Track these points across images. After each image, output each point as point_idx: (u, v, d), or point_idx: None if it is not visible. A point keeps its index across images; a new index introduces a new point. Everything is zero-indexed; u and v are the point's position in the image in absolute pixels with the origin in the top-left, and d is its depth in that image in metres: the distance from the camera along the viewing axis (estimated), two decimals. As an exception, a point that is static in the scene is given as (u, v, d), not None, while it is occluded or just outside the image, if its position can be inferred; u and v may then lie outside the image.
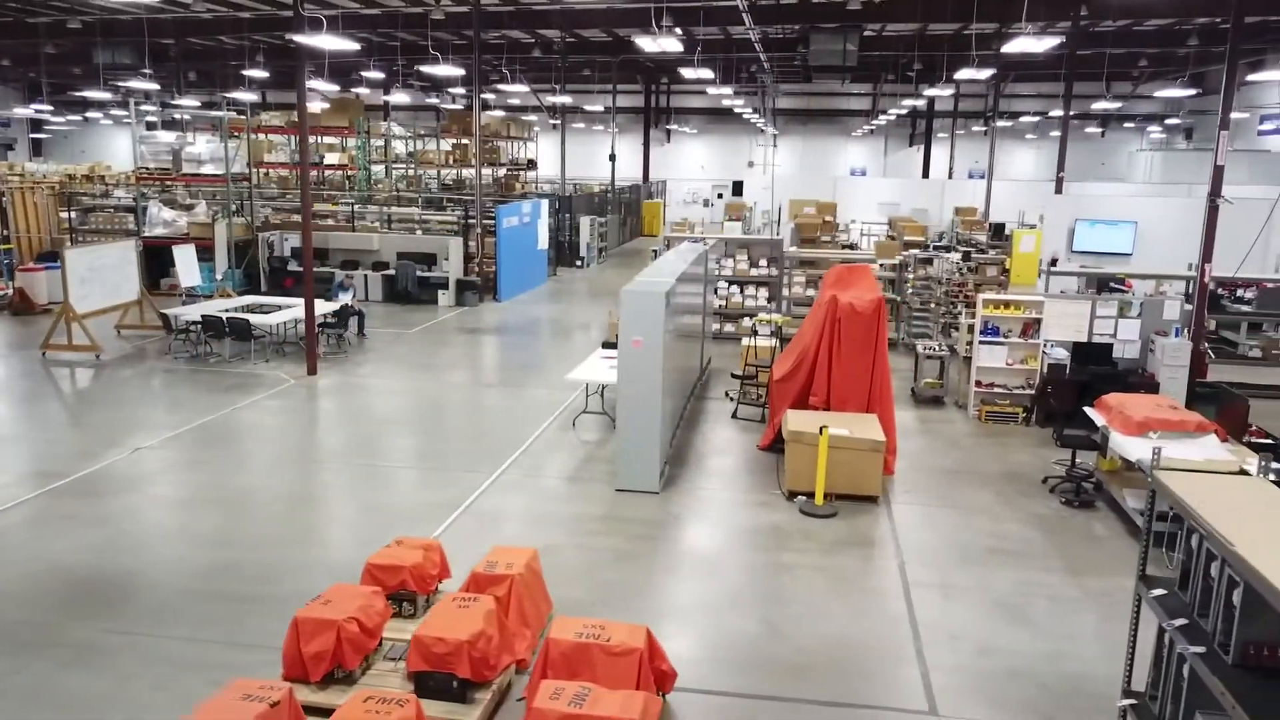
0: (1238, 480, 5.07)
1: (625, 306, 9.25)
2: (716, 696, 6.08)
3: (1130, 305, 12.26)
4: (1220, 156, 11.70)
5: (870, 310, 10.25)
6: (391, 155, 32.88)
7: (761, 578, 7.75)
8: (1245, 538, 4.10)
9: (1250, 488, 4.89)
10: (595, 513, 9.04)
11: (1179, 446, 8.65)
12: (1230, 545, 4.07)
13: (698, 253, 13.06)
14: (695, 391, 13.43)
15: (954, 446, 11.40)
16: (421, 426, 11.79)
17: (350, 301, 16.87)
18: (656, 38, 14.23)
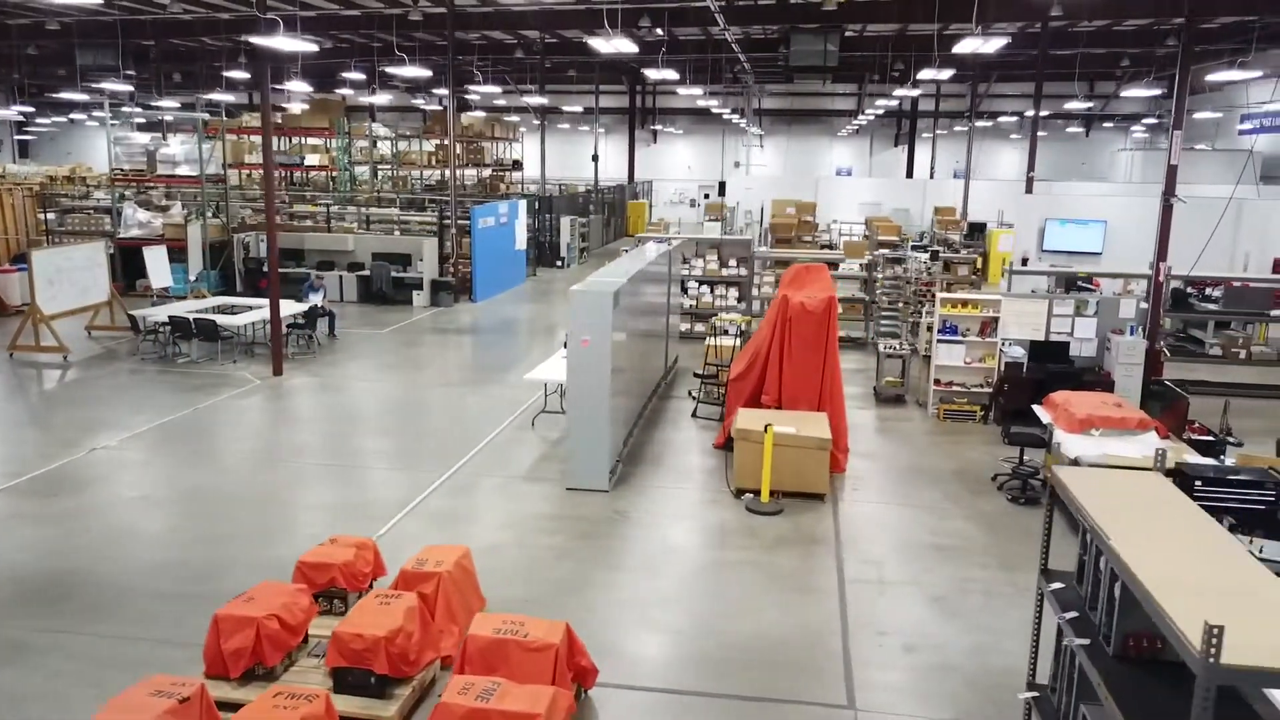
0: (1137, 476, 5.14)
1: (573, 307, 9.31)
2: (639, 692, 6.13)
3: (1087, 304, 12.34)
4: (1173, 156, 11.79)
5: (821, 310, 10.32)
6: (377, 156, 32.94)
7: (699, 575, 7.81)
8: (1121, 531, 4.17)
9: (1145, 483, 4.96)
10: (543, 511, 9.10)
11: (1119, 443, 8.73)
12: (1106, 539, 4.14)
13: (659, 253, 13.12)
14: (659, 391, 13.49)
15: (909, 445, 11.47)
16: (380, 426, 11.83)
17: (320, 302, 16.90)
18: (609, 39, 14.23)
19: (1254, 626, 3.33)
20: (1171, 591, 3.60)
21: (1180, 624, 3.32)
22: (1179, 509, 4.51)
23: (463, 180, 36.59)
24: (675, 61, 36.33)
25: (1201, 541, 4.13)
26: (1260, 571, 3.83)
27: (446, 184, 36.50)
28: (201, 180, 19.87)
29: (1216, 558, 3.96)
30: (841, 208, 32.35)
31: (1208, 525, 4.33)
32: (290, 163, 28.52)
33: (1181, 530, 4.24)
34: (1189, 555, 3.96)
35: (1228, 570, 3.83)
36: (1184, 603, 3.49)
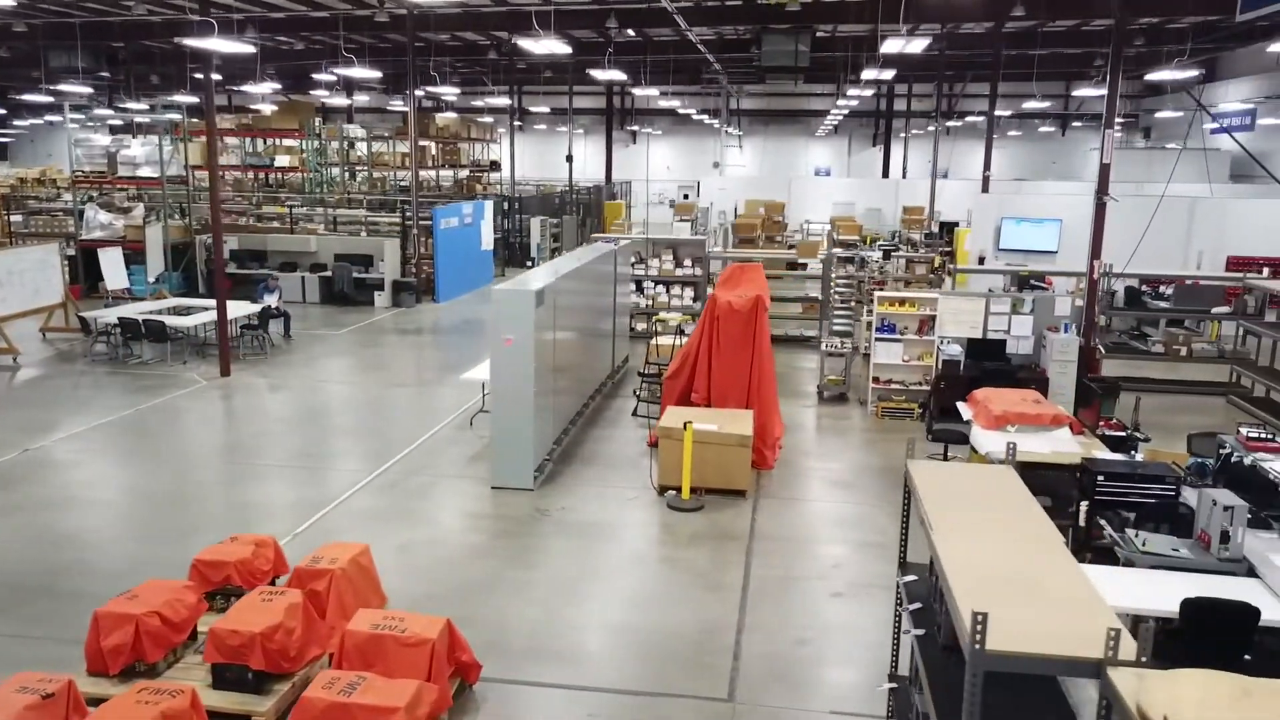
0: (987, 469, 5.22)
1: (495, 306, 9.37)
2: (524, 687, 6.19)
3: (1023, 302, 12.43)
4: (1106, 155, 11.88)
5: (747, 309, 10.39)
6: (354, 157, 32.97)
7: (607, 571, 7.87)
8: (946, 523, 4.25)
9: (991, 477, 5.03)
10: (464, 509, 9.16)
11: (1032, 439, 8.80)
12: (930, 530, 4.21)
13: (600, 252, 13.19)
14: (604, 389, 13.55)
15: (843, 442, 11.55)
16: (319, 425, 11.88)
17: (276, 303, 16.93)
18: (539, 39, 14.22)
19: (1030, 615, 3.40)
20: (965, 580, 3.67)
21: (961, 611, 3.40)
22: (1012, 502, 4.59)
23: (438, 181, 36.73)
24: (650, 63, 36.47)
25: (1021, 533, 4.21)
26: (1062, 563, 3.90)
27: (422, 184, 36.60)
28: (162, 182, 19.87)
29: (1026, 550, 4.03)
30: (815, 208, 32.44)
31: (1034, 518, 4.40)
32: (260, 164, 28.55)
33: (1005, 522, 4.31)
34: (1000, 546, 4.04)
35: (1031, 562, 3.90)
36: (972, 591, 3.57)
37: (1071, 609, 3.46)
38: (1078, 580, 3.69)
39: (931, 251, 18.70)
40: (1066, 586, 3.65)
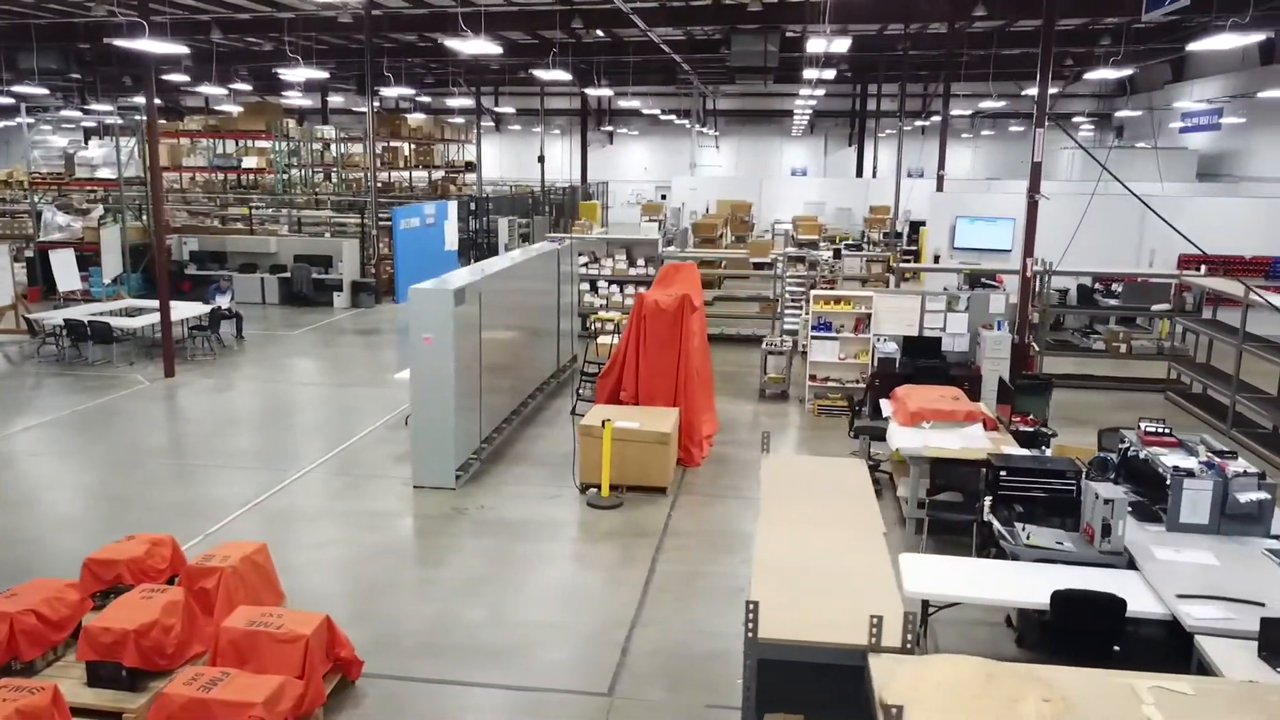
0: (839, 463, 5.29)
1: (412, 304, 9.40)
2: (408, 683, 6.23)
3: (958, 300, 12.51)
4: (1038, 153, 11.96)
5: (674, 308, 10.44)
6: (329, 159, 32.93)
7: (514, 568, 7.91)
8: (774, 514, 4.30)
9: (840, 469, 5.09)
10: (381, 509, 9.18)
11: (943, 434, 8.88)
12: (757, 520, 4.26)
13: (541, 251, 13.22)
14: (548, 388, 13.58)
15: (775, 440, 11.60)
16: (254, 426, 11.89)
17: (228, 304, 16.93)
18: (467, 39, 14.18)
19: (818, 603, 3.46)
20: (768, 569, 3.72)
21: (753, 601, 3.45)
22: (850, 494, 4.65)
23: (410, 182, 36.71)
24: (624, 64, 36.52)
25: (845, 524, 4.27)
26: (873, 554, 3.96)
27: (394, 185, 36.59)
28: (120, 183, 19.85)
29: (844, 539, 4.09)
30: (787, 208, 32.53)
31: (865, 509, 4.46)
32: (228, 165, 28.52)
33: (835, 513, 4.37)
34: (820, 536, 4.10)
35: (844, 551, 3.96)
36: (770, 580, 3.62)
37: (863, 598, 3.51)
38: (882, 570, 3.74)
39: (888, 250, 18.76)
40: (869, 576, 3.70)
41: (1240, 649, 5.27)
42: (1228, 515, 6.86)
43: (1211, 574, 6.23)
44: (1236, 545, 6.68)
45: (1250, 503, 6.80)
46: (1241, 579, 6.09)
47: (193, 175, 31.00)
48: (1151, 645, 6.22)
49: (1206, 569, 6.32)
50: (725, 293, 18.97)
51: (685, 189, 33.44)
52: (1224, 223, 18.73)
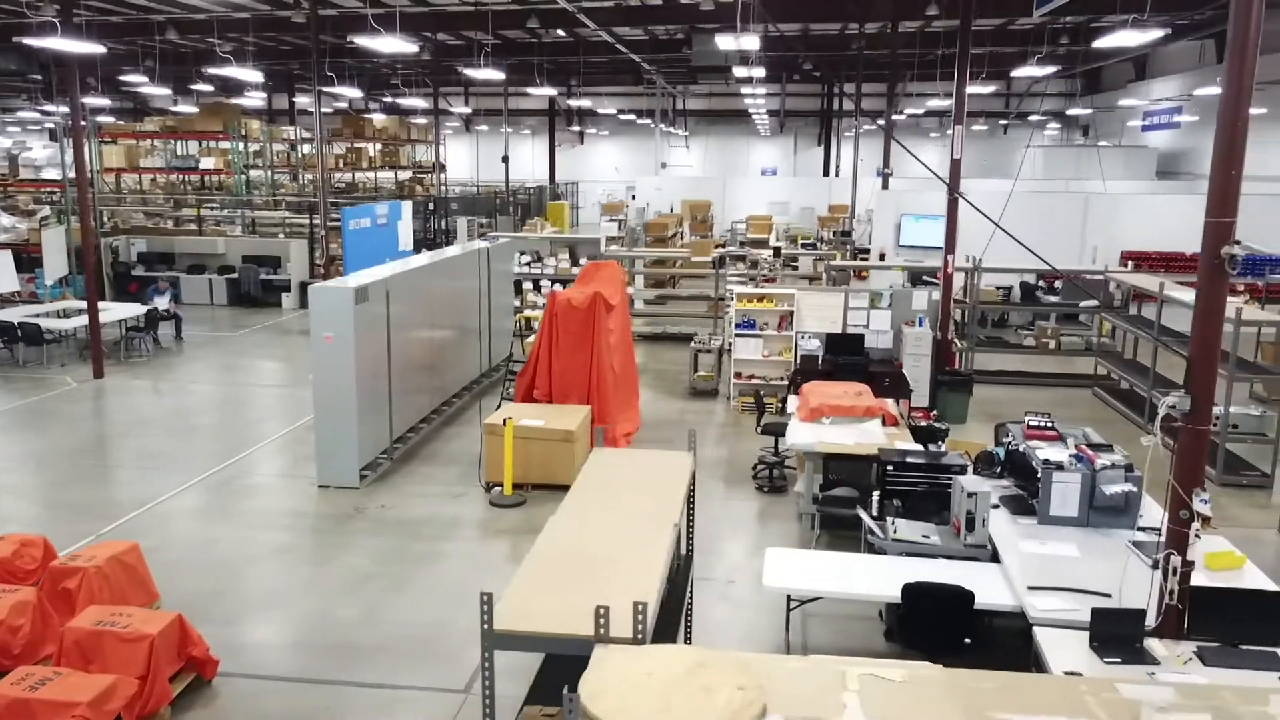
0: (665, 456, 5.31)
1: (313, 303, 9.37)
2: (265, 681, 6.20)
3: (880, 296, 12.55)
4: (956, 151, 12.01)
5: (585, 305, 10.43)
6: (296, 160, 32.81)
7: (402, 567, 7.89)
8: (573, 506, 4.30)
9: (662, 463, 5.10)
10: (282, 508, 9.15)
11: (842, 430, 8.90)
12: (554, 513, 4.26)
13: (468, 250, 13.20)
14: (477, 387, 13.56)
15: (697, 436, 11.58)
16: (174, 427, 11.81)
17: (167, 305, 16.85)
18: (373, 37, 14.08)
19: (567, 596, 3.45)
20: (537, 561, 3.72)
21: (487, 593, 3.44)
22: (660, 488, 4.65)
23: (376, 183, 36.62)
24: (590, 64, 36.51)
25: (639, 517, 4.26)
26: (651, 547, 3.96)
27: (358, 186, 36.46)
28: (64, 184, 19.71)
29: (630, 532, 4.09)
30: (753, 206, 32.58)
31: (666, 503, 4.47)
32: (185, 166, 28.39)
33: (634, 506, 4.37)
34: (607, 529, 4.10)
35: (624, 543, 3.96)
36: (535, 572, 3.62)
37: (620, 589, 3.51)
38: (653, 562, 3.75)
39: (834, 249, 18.81)
40: (637, 568, 3.70)
41: (1075, 639, 5.30)
42: (1096, 508, 6.90)
43: (1070, 566, 6.27)
44: (1102, 537, 6.73)
45: (1117, 495, 6.84)
46: (1098, 571, 6.13)
47: (153, 177, 30.88)
48: (1010, 637, 6.27)
49: (1066, 561, 6.35)
50: (669, 292, 18.99)
51: (650, 189, 33.44)
52: (1176, 220, 18.82)
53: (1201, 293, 5.07)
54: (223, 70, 20.26)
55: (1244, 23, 4.73)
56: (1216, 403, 9.92)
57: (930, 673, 2.96)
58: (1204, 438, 5.25)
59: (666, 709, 2.68)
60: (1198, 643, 5.23)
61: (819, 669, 2.97)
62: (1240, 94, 4.79)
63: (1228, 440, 10.24)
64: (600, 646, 3.07)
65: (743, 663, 2.90)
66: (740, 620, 7.16)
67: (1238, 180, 4.91)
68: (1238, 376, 10.06)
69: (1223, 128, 4.88)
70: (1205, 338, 5.10)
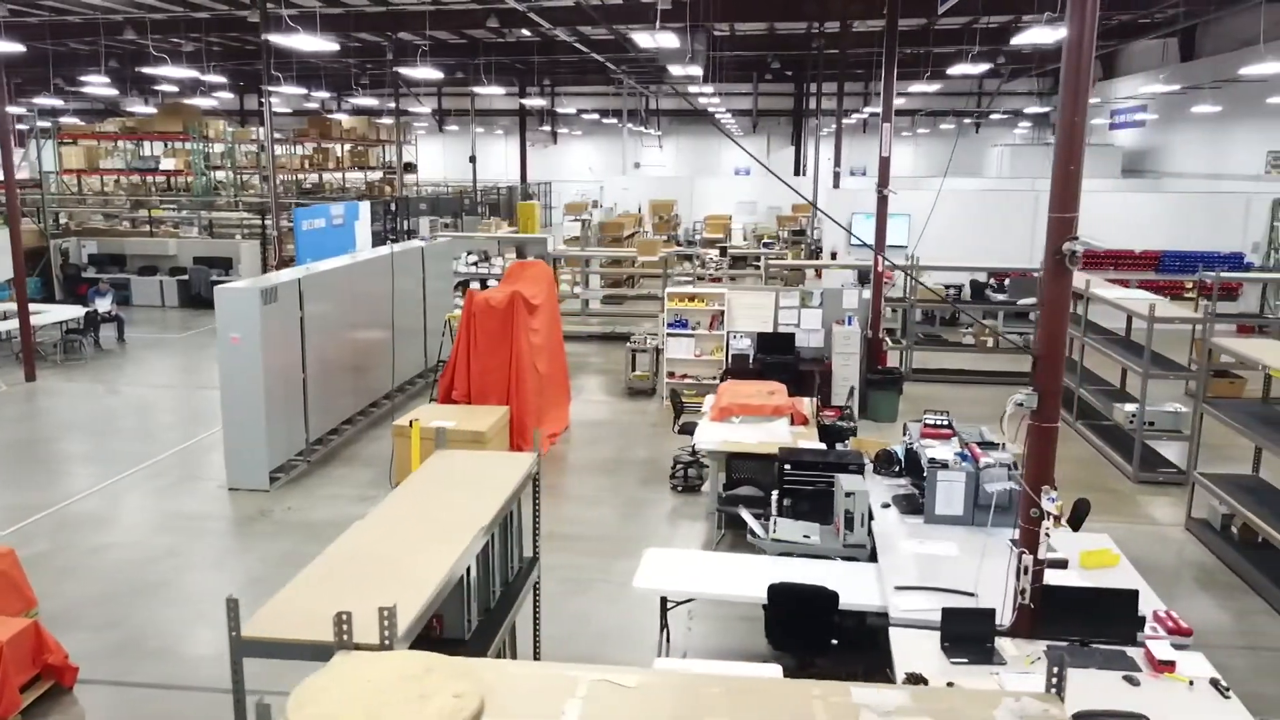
0: (503, 458, 5.26)
1: (219, 304, 9.27)
2: (127, 688, 6.12)
3: (811, 295, 12.51)
4: (885, 149, 11.98)
5: (503, 305, 10.36)
6: (264, 161, 32.57)
7: (293, 571, 7.76)
8: (385, 508, 4.23)
9: (498, 464, 5.05)
10: (187, 511, 9.05)
11: (749, 429, 8.85)
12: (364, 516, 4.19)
13: (399, 250, 13.12)
14: (411, 388, 13.48)
15: (624, 436, 11.55)
16: (96, 429, 11.69)
17: (109, 307, 16.70)
18: (287, 35, 13.94)
19: (337, 600, 3.38)
20: (325, 567, 3.66)
21: (234, 599, 3.37)
22: (482, 492, 4.58)
23: (343, 183, 36.44)
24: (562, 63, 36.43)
25: (448, 519, 4.20)
26: (446, 549, 3.89)
27: (325, 186, 36.27)
28: (10, 186, 19.48)
29: (432, 534, 4.03)
30: (720, 206, 32.54)
31: (482, 504, 4.40)
32: (145, 167, 28.19)
33: (447, 508, 4.31)
34: (411, 531, 4.04)
35: (420, 547, 3.90)
36: (315, 575, 3.55)
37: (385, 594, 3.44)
38: (438, 566, 3.68)
39: (786, 247, 18.78)
40: (416, 573, 3.63)
41: (931, 640, 5.26)
42: (980, 506, 6.86)
43: (945, 565, 6.22)
44: (985, 536, 6.67)
45: (1001, 493, 6.80)
46: (971, 570, 6.08)
47: (116, 178, 30.65)
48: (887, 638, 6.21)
49: (942, 560, 6.31)
50: (619, 291, 18.93)
51: (619, 189, 33.39)
52: (1130, 217, 18.86)
53: (1045, 289, 5.03)
54: (166, 70, 20.04)
55: (1079, 21, 4.69)
56: (1139, 400, 10.01)
57: (669, 679, 2.90)
58: (1052, 435, 5.20)
59: (374, 718, 2.61)
60: (1050, 642, 5.20)
61: (554, 675, 2.91)
62: (1078, 94, 4.75)
63: (1147, 437, 10.23)
64: (343, 653, 3.00)
65: (470, 669, 2.84)
66: (628, 623, 7.09)
67: (1077, 176, 4.88)
68: (1153, 374, 10.04)
69: (1062, 127, 4.84)
70: (1051, 334, 5.06)
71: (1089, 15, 4.65)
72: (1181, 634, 5.31)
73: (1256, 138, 22.64)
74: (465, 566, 3.96)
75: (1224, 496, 8.01)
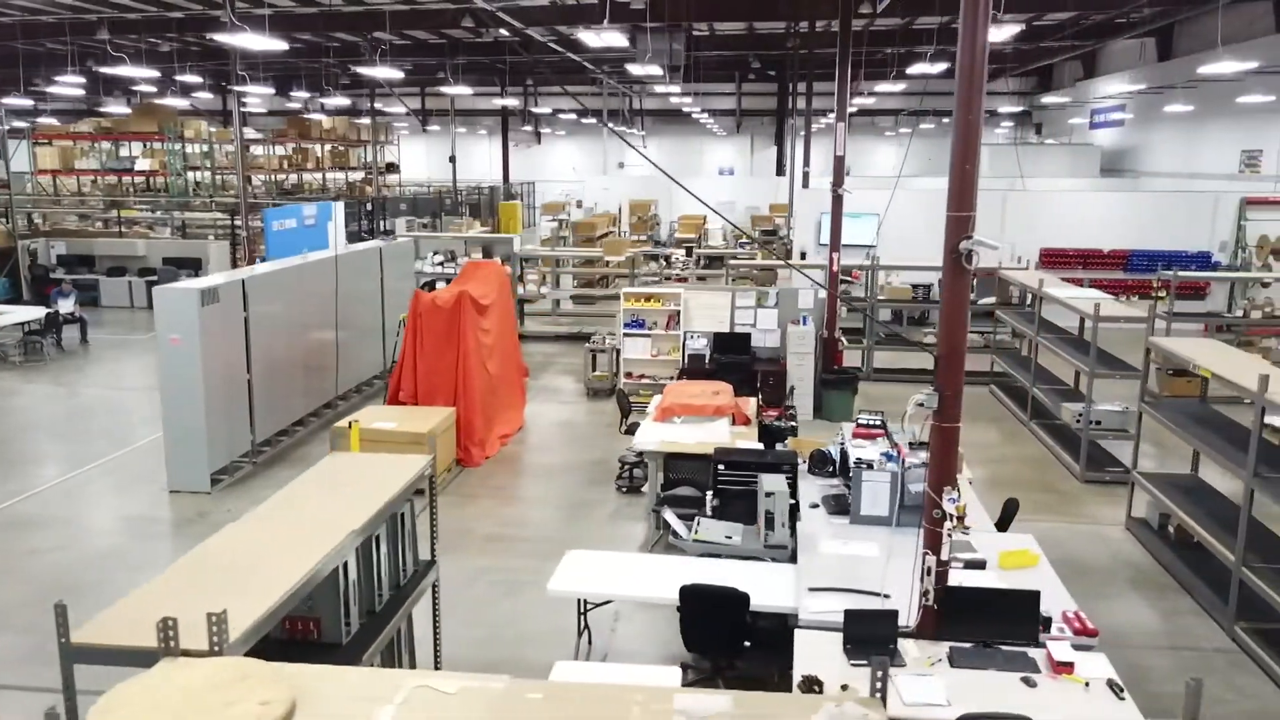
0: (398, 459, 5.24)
1: (158, 305, 9.22)
2: (29, 693, 6.07)
3: (766, 295, 12.48)
4: (839, 148, 11.96)
5: (450, 306, 10.32)
6: (246, 161, 32.45)
7: (223, 573, 7.74)
8: (264, 510, 4.20)
9: (394, 465, 5.02)
10: (125, 513, 9.00)
11: (689, 430, 8.82)
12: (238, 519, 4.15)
13: (356, 249, 13.06)
14: (370, 388, 13.42)
15: (576, 438, 11.51)
16: (48, 430, 11.62)
17: (72, 308, 16.63)
18: (233, 33, 13.87)
19: (185, 603, 3.34)
20: (181, 571, 3.62)
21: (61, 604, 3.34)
22: (362, 497, 4.55)
23: (324, 183, 36.34)
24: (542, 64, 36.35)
25: (320, 521, 4.17)
26: (309, 552, 3.85)
27: (305, 187, 36.17)
28: (-23, 186, 19.45)
29: (299, 536, 3.99)
30: (700, 207, 32.44)
31: (361, 505, 4.36)
32: (120, 168, 28.08)
33: (318, 516, 4.27)
34: (278, 533, 4.01)
35: (284, 550, 3.86)
36: (171, 580, 3.51)
37: (234, 598, 3.40)
38: (292, 571, 3.64)
39: (755, 249, 18.76)
40: (270, 577, 3.60)
41: (834, 642, 5.23)
42: (907, 507, 6.82)
43: (863, 566, 6.19)
44: (908, 536, 6.63)
45: (923, 493, 6.76)
46: (893, 571, 6.04)
47: (94, 179, 30.53)
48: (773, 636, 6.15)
49: (862, 561, 6.28)
50: (588, 292, 18.89)
51: (599, 189, 33.35)
52: (1108, 217, 18.86)
53: (945, 288, 5.00)
54: (137, 71, 19.94)
55: (972, 20, 4.67)
56: (1088, 399, 10.00)
57: (493, 686, 2.87)
58: (954, 436, 5.18)
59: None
60: (953, 643, 5.18)
61: (377, 681, 2.88)
62: (972, 92, 4.73)
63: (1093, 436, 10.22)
64: (168, 659, 2.96)
65: (288, 675, 2.80)
66: (553, 626, 7.04)
67: (973, 175, 4.85)
68: (1099, 373, 10.04)
69: (957, 125, 4.82)
70: (951, 333, 5.04)
71: (981, 14, 4.62)
72: (1088, 635, 5.29)
73: (1230, 137, 22.67)
74: (331, 570, 3.92)
75: (1159, 496, 8.00)
